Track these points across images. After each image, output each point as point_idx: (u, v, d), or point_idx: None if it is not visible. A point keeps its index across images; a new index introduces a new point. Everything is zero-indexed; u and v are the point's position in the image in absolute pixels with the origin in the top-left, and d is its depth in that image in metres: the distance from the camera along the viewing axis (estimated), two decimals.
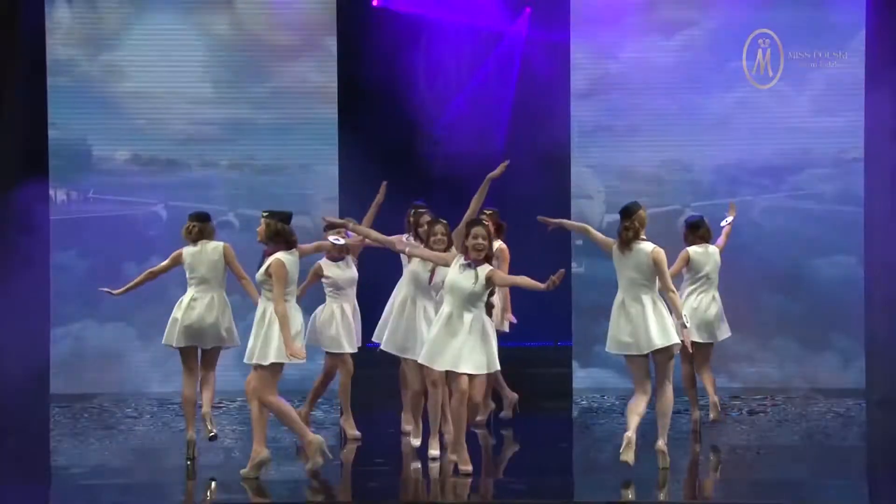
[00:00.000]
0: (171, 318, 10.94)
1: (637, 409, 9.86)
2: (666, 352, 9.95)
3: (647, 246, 9.94)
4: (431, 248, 10.28)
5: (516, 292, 12.17)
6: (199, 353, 10.94)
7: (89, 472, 10.33)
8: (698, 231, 11.85)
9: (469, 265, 9.72)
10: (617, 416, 12.67)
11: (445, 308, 9.81)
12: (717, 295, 11.83)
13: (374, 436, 11.67)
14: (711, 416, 11.63)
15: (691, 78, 14.16)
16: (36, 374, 13.69)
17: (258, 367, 9.70)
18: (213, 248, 10.87)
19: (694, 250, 11.78)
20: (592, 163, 14.25)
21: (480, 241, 9.70)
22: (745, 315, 13.33)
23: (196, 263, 10.89)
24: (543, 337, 14.65)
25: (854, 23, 13.98)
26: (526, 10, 14.64)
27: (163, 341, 11.02)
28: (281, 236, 9.72)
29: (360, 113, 14.45)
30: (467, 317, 9.69)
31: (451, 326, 9.70)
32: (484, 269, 9.70)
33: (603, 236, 10.27)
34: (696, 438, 11.41)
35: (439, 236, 10.31)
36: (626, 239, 9.96)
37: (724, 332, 11.98)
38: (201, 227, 10.94)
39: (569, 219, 14.01)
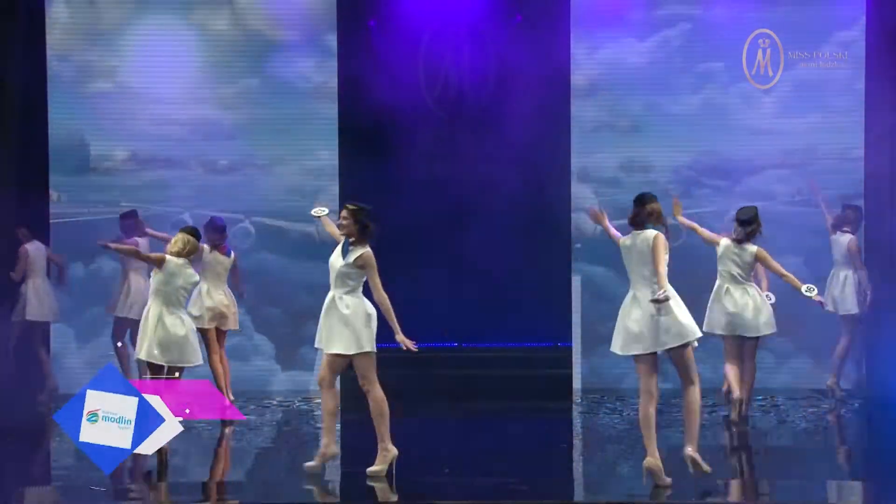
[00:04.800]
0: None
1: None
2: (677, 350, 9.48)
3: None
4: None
5: (515, 295, 12.19)
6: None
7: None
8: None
9: (345, 243, 9.71)
10: (616, 417, 12.68)
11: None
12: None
13: (373, 437, 11.66)
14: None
15: (694, 76, 14.20)
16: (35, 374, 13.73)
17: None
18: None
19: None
20: (594, 162, 14.26)
21: (341, 220, 9.70)
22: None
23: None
24: (544, 338, 14.63)
25: (854, 23, 14.02)
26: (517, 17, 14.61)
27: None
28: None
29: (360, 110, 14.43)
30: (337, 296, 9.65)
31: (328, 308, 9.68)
32: (356, 252, 9.64)
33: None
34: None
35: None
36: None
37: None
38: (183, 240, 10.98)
39: (569, 220, 14.08)
